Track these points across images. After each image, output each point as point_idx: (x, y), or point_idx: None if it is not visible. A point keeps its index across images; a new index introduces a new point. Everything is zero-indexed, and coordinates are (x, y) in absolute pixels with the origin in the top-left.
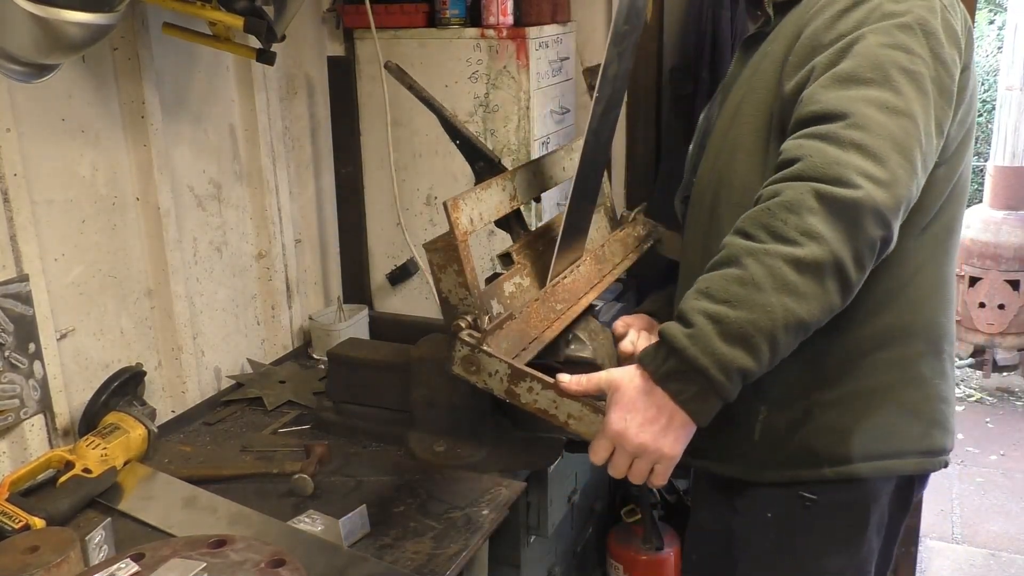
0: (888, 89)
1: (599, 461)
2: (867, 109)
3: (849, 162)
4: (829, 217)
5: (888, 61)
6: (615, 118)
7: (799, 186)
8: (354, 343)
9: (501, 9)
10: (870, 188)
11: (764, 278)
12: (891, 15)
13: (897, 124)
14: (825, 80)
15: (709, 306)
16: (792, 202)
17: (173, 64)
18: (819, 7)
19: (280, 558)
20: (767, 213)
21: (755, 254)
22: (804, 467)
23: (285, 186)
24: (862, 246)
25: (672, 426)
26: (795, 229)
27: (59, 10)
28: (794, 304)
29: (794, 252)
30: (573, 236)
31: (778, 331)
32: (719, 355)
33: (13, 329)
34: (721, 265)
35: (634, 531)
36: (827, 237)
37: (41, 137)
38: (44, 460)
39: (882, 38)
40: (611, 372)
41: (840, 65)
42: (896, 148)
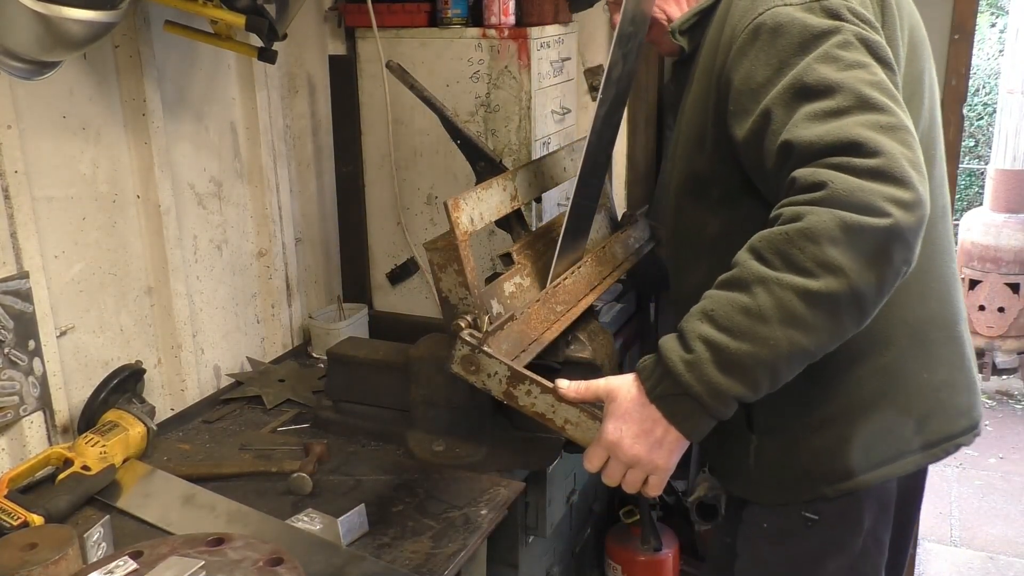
0: (873, 110)
1: (593, 469)
2: (869, 133)
3: (874, 189)
4: (852, 249)
5: (855, 82)
6: (618, 120)
7: (823, 213)
8: (354, 342)
9: (503, 9)
10: (899, 215)
11: (772, 310)
12: (821, 35)
13: (900, 140)
14: (802, 120)
15: (711, 332)
16: (814, 230)
17: (174, 62)
18: (728, 39)
19: (278, 557)
20: (784, 239)
21: (766, 283)
22: (802, 489)
23: (286, 184)
24: (888, 275)
25: (666, 440)
26: (812, 260)
27: (61, 7)
28: (800, 337)
29: (807, 285)
30: (574, 237)
31: (780, 363)
32: (714, 384)
33: (13, 326)
34: (730, 286)
35: (632, 532)
36: (847, 269)
37: (42, 134)
38: (43, 457)
39: (831, 64)
40: (610, 381)
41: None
42: (911, 164)
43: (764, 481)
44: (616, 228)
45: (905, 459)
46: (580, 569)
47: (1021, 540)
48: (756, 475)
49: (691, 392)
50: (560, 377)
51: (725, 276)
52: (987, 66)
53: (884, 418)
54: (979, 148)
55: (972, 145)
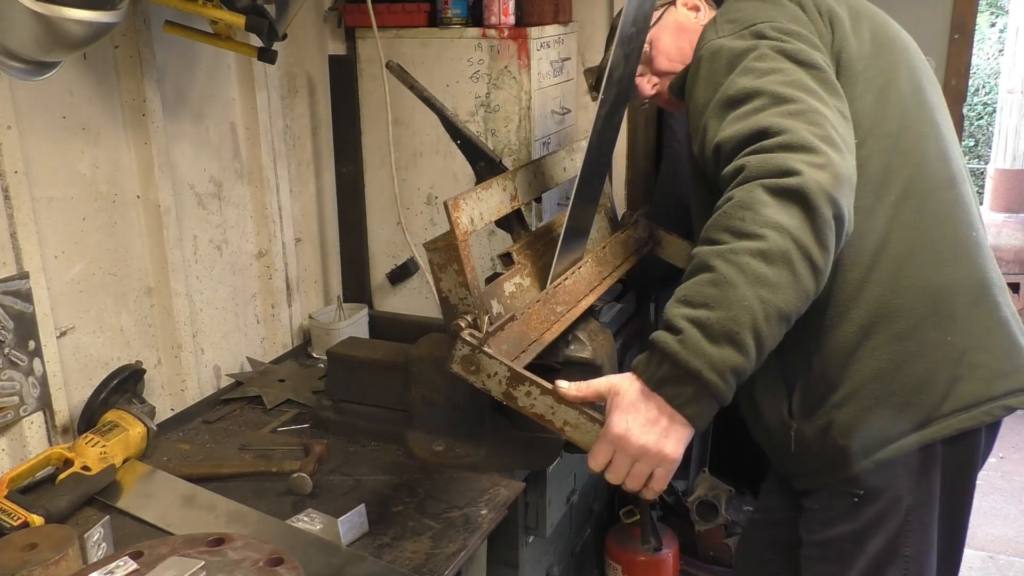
0: (783, 102)
1: (598, 467)
2: (778, 119)
3: (784, 157)
4: (782, 206)
5: (769, 84)
6: (619, 120)
7: (748, 186)
8: (354, 342)
9: (503, 9)
10: (809, 171)
11: (735, 275)
12: (742, 54)
13: (807, 120)
14: (727, 124)
15: (690, 312)
16: (745, 200)
17: (174, 62)
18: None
19: (278, 557)
20: (725, 216)
21: (722, 255)
22: (843, 466)
23: (286, 185)
24: (821, 226)
25: (672, 429)
26: (754, 223)
27: (60, 7)
28: (770, 295)
29: (759, 245)
30: (574, 237)
31: (760, 324)
32: (709, 356)
33: (13, 326)
34: (693, 272)
35: (632, 532)
36: (786, 224)
37: (42, 134)
38: (43, 457)
39: (749, 75)
40: (610, 378)
41: (730, 110)
42: (818, 137)
43: (809, 464)
44: (616, 228)
45: (936, 424)
46: (580, 569)
47: (1021, 540)
48: (802, 460)
49: (690, 369)
50: (560, 377)
51: (687, 269)
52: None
53: (906, 385)
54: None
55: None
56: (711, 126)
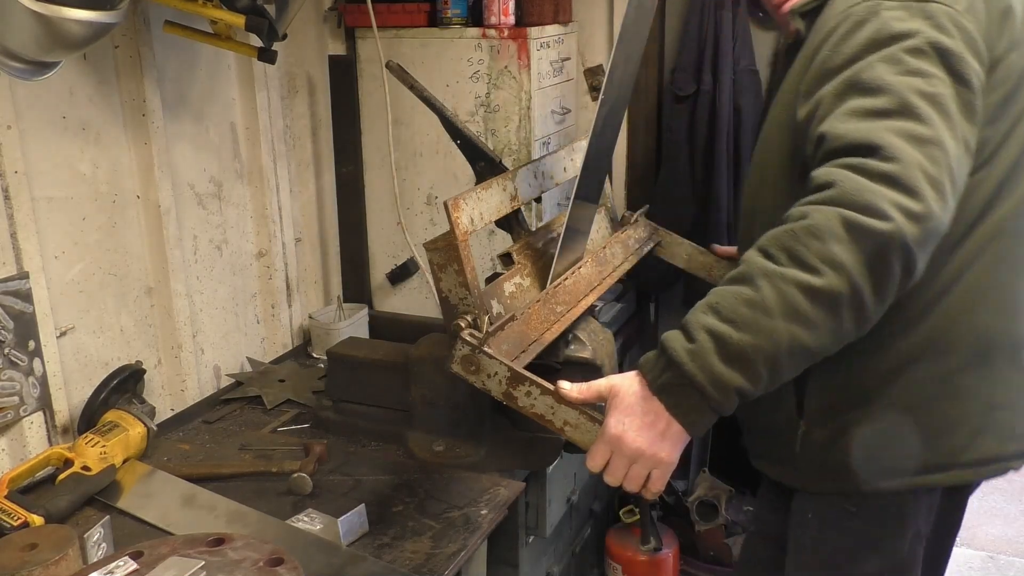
0: (912, 118)
1: (596, 467)
2: (895, 139)
3: (881, 192)
4: (854, 246)
5: (906, 88)
6: (619, 120)
7: (828, 211)
8: (354, 342)
9: (503, 9)
10: (901, 221)
11: (775, 303)
12: (898, 36)
13: (927, 154)
14: (843, 113)
15: (714, 323)
16: (818, 227)
17: (174, 62)
18: (830, 28)
19: (278, 557)
20: (790, 235)
21: (770, 276)
22: (843, 480)
23: (286, 185)
24: (886, 280)
25: (668, 433)
26: (816, 255)
27: (60, 7)
28: (802, 332)
29: (811, 280)
30: (574, 237)
31: (780, 357)
32: (716, 374)
33: (13, 326)
34: (735, 281)
35: (632, 532)
36: (848, 267)
37: (42, 134)
38: (43, 458)
39: (893, 66)
40: (611, 378)
41: (855, 97)
42: (928, 180)
43: (809, 468)
44: (616, 228)
45: (951, 472)
46: (580, 569)
47: (1021, 540)
48: (802, 462)
49: (694, 382)
50: (560, 377)
51: (732, 272)
52: None
53: (933, 425)
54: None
55: None
56: (827, 101)
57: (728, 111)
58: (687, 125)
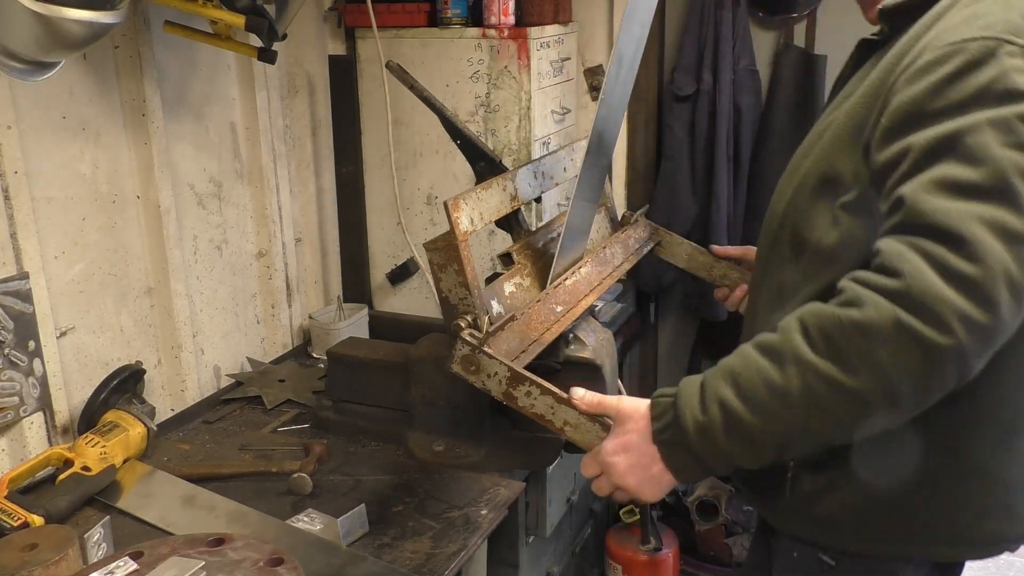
0: (1009, 206)
1: (587, 476)
2: (983, 233)
3: (951, 300)
4: (903, 355)
5: (1010, 167)
6: (619, 120)
7: (885, 308)
8: (354, 342)
9: (502, 9)
10: (964, 336)
11: (799, 395)
12: (1016, 96)
13: (1015, 254)
14: (932, 182)
15: (731, 398)
16: (869, 325)
17: (174, 62)
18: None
19: (278, 557)
20: (836, 324)
21: (802, 365)
22: (827, 532)
23: (286, 185)
24: (934, 391)
25: (659, 479)
26: (857, 355)
27: (60, 7)
28: (820, 426)
29: (844, 381)
30: (574, 237)
31: (791, 443)
32: (719, 449)
33: (13, 327)
34: (765, 353)
35: (632, 532)
36: (891, 375)
37: (42, 134)
38: (43, 458)
39: (1003, 135)
40: (621, 402)
41: (950, 163)
42: (1009, 286)
43: (794, 512)
44: (616, 228)
45: (951, 548)
46: (580, 569)
47: None
48: (789, 505)
49: (694, 452)
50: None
51: (765, 339)
52: None
53: (943, 501)
54: None
55: None
56: (916, 157)
57: (728, 111)
58: (687, 125)
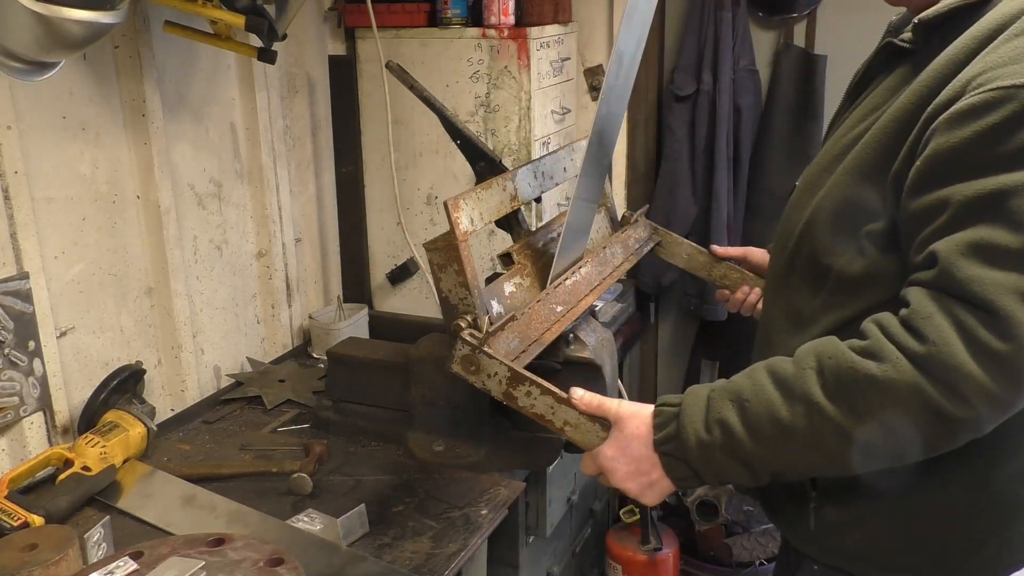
0: None
1: (587, 475)
2: (1019, 308)
3: (975, 377)
4: (916, 419)
5: None
6: (619, 120)
7: (906, 372)
8: (354, 342)
9: (502, 9)
10: (983, 411)
11: (804, 434)
12: None
13: None
14: (969, 245)
15: (735, 423)
16: (886, 383)
17: (174, 62)
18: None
19: (279, 557)
20: (851, 374)
21: (811, 406)
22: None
23: (286, 185)
24: (940, 450)
25: (657, 485)
26: (869, 408)
27: (60, 7)
28: (819, 464)
29: (852, 429)
30: (574, 237)
31: (788, 473)
32: (718, 468)
33: (13, 327)
34: (778, 384)
35: (632, 532)
36: (900, 436)
37: (42, 135)
38: (43, 458)
39: None
40: (621, 407)
41: (990, 225)
42: None
43: (818, 541)
44: (616, 228)
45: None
46: (580, 569)
47: None
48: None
49: (693, 465)
50: (560, 377)
51: (779, 369)
52: None
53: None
54: None
55: None
56: (955, 212)
57: (728, 111)
58: (687, 125)
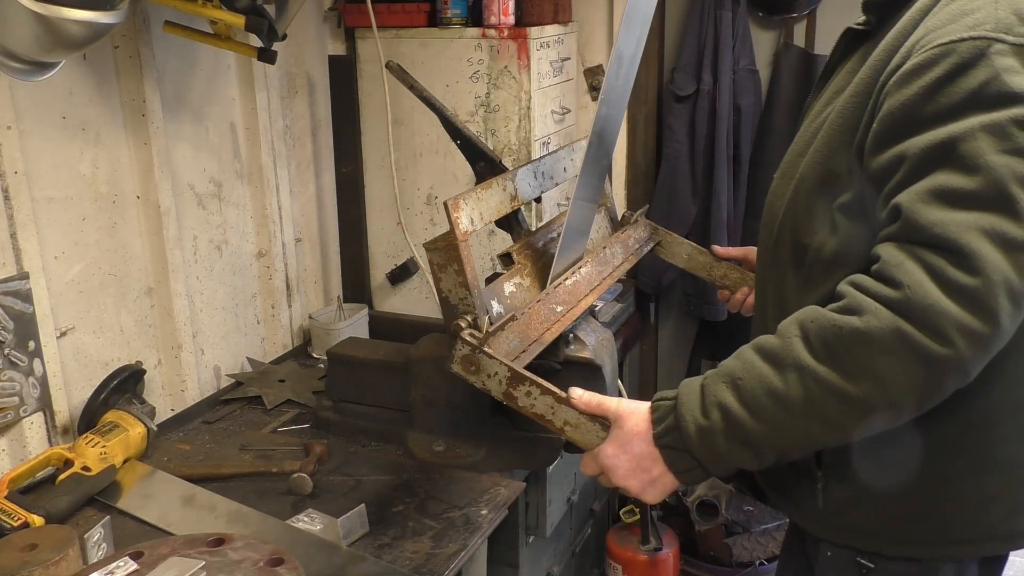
0: (1006, 214)
1: (587, 475)
2: (982, 243)
3: (951, 313)
4: (903, 364)
5: (1007, 174)
6: (619, 120)
7: (886, 318)
8: (354, 342)
9: (502, 9)
10: (963, 347)
11: (800, 402)
12: (1009, 99)
13: (1015, 263)
14: (928, 192)
15: (732, 403)
16: (870, 335)
17: (174, 62)
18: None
19: (279, 557)
20: (836, 332)
21: (803, 372)
22: (863, 538)
23: (286, 185)
24: (931, 397)
25: (660, 481)
26: (858, 363)
27: (60, 7)
28: (820, 431)
29: (845, 388)
30: (574, 237)
31: (791, 449)
32: (720, 453)
33: (13, 327)
34: (767, 358)
35: (632, 532)
36: (889, 383)
37: (42, 135)
38: (43, 458)
39: (997, 141)
40: (620, 405)
41: (946, 172)
42: (1008, 294)
43: (828, 520)
44: (616, 228)
45: (986, 544)
46: (580, 569)
47: None
48: (822, 514)
49: (695, 454)
50: (560, 377)
51: (765, 343)
52: None
53: (972, 498)
54: None
55: None
56: (911, 165)
57: (728, 111)
58: (687, 125)
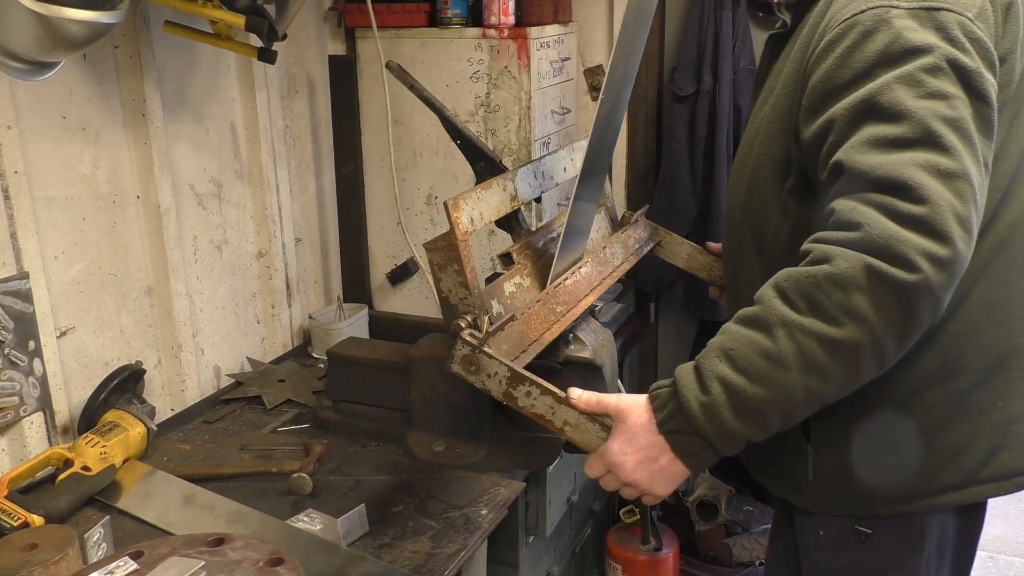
0: (936, 149)
1: (593, 476)
2: (922, 176)
3: (911, 240)
4: (878, 298)
5: (928, 115)
6: (619, 120)
7: (853, 258)
8: (354, 342)
9: (502, 9)
10: (929, 271)
11: (792, 356)
12: (913, 52)
13: (955, 190)
14: (862, 143)
15: (729, 373)
16: (841, 275)
17: (174, 62)
18: (833, 35)
19: (278, 557)
20: (811, 282)
21: (789, 326)
22: (858, 505)
23: (286, 185)
24: (912, 329)
25: (668, 470)
26: (838, 307)
27: (60, 7)
28: (818, 384)
29: (831, 333)
30: (574, 237)
31: (794, 408)
32: (727, 427)
33: (13, 327)
34: (751, 325)
35: (632, 532)
36: (871, 320)
37: (42, 134)
38: (43, 458)
39: (912, 88)
40: (620, 399)
41: (873, 123)
42: (957, 219)
43: (819, 493)
44: (616, 228)
45: (968, 489)
46: (580, 569)
47: (1021, 540)
48: (813, 487)
49: (703, 434)
50: (560, 377)
51: (747, 312)
52: None
53: (950, 445)
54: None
55: None
56: (840, 125)
57: (728, 111)
58: (687, 125)
